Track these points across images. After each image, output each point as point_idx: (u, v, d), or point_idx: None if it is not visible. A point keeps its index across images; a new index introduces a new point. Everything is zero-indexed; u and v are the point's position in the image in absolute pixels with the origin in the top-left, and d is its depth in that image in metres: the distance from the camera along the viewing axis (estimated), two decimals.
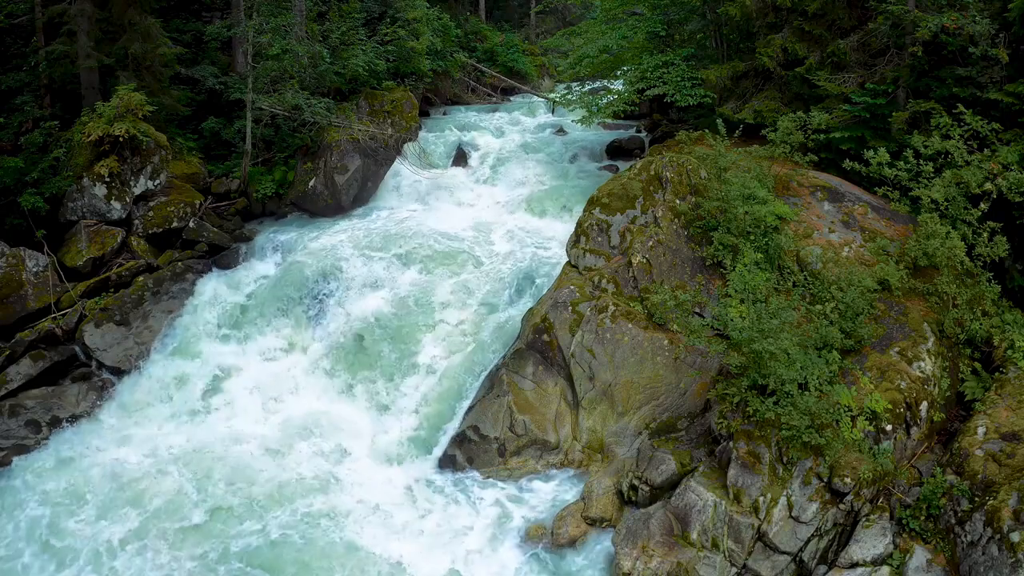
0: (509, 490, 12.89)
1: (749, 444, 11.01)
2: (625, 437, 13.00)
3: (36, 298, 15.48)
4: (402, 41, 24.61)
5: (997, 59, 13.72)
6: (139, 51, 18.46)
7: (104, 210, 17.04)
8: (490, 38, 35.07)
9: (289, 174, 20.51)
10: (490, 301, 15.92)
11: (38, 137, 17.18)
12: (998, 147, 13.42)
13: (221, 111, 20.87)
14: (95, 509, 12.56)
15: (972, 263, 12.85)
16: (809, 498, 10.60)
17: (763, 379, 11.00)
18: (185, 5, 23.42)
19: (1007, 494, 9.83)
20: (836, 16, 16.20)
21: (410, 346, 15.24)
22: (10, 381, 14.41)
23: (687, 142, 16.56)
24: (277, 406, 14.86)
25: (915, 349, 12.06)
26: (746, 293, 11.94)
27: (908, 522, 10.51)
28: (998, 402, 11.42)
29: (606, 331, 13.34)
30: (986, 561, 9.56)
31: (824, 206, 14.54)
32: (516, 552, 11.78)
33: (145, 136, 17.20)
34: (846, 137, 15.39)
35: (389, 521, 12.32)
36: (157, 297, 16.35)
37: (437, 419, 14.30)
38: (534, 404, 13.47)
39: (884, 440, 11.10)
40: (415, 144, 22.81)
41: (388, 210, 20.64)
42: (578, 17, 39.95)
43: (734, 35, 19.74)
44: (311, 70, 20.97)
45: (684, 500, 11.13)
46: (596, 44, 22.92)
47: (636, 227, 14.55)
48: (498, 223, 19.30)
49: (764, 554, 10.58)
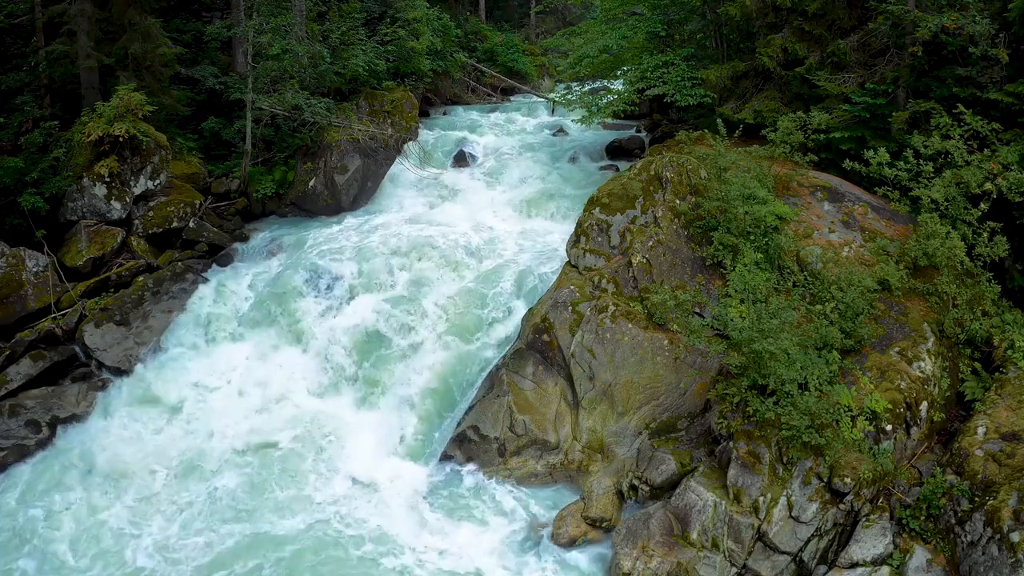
0: (509, 490, 12.87)
1: (749, 444, 11.01)
2: (625, 437, 13.00)
3: (36, 298, 15.48)
4: (402, 41, 24.62)
5: (997, 59, 13.72)
6: (139, 51, 18.47)
7: (104, 210, 17.04)
8: (490, 38, 35.08)
9: (289, 174, 20.51)
10: (490, 301, 15.91)
11: (38, 137, 17.18)
12: (998, 147, 13.42)
13: (221, 111, 20.88)
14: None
15: (972, 263, 12.85)
16: (809, 498, 10.60)
17: (763, 379, 11.00)
18: (185, 5, 23.42)
19: (1007, 494, 9.83)
20: (836, 16, 16.20)
21: (409, 345, 15.24)
22: (10, 381, 14.40)
23: (687, 142, 16.56)
24: (276, 405, 14.84)
25: (915, 349, 12.06)
26: (746, 293, 11.94)
27: (908, 522, 10.51)
28: (998, 402, 11.42)
29: (606, 331, 13.34)
30: (986, 561, 9.56)
31: (824, 206, 14.54)
32: (516, 552, 11.78)
33: (145, 136, 17.20)
34: (846, 137, 15.39)
35: (388, 521, 12.31)
36: (157, 297, 16.35)
37: (436, 419, 14.31)
38: (534, 404, 13.47)
39: (884, 440, 11.10)
40: (415, 144, 22.82)
41: (388, 210, 20.64)
42: (578, 17, 39.95)
43: (734, 35, 19.74)
44: (311, 70, 20.97)
45: (684, 500, 11.13)
46: (596, 44, 22.92)
47: (636, 227, 14.55)
48: (498, 223, 19.29)
49: (764, 554, 10.58)
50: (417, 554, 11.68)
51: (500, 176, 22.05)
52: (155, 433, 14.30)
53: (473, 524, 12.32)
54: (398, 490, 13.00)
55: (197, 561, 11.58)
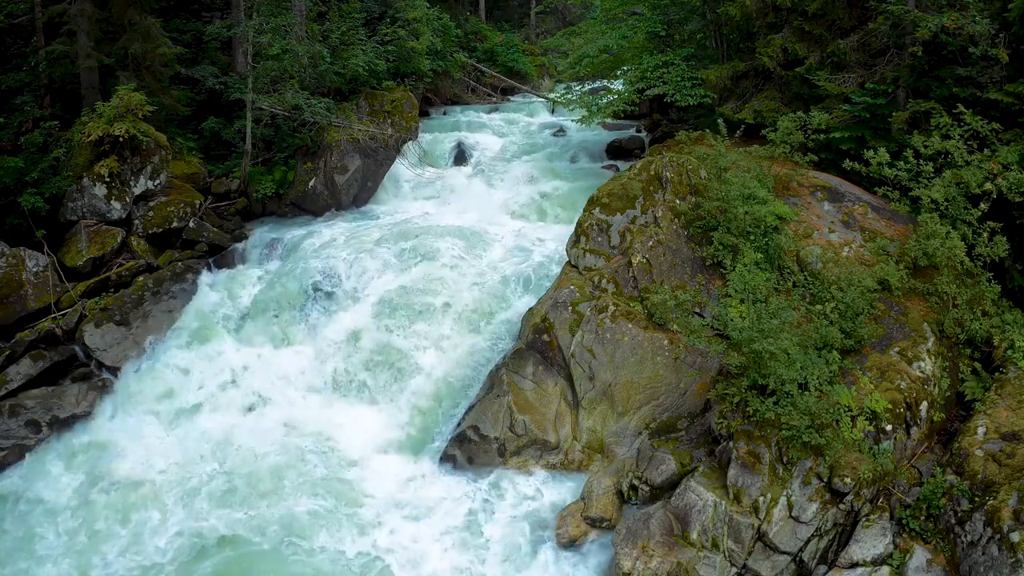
0: (509, 490, 12.88)
1: (749, 444, 11.01)
2: (625, 437, 13.00)
3: (36, 298, 15.47)
4: (402, 41, 24.63)
5: (997, 59, 13.72)
6: (139, 51, 18.46)
7: (104, 210, 17.04)
8: (490, 38, 35.10)
9: (289, 174, 20.51)
10: (489, 301, 15.90)
11: (38, 137, 17.17)
12: (998, 147, 13.41)
13: (221, 111, 20.88)
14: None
15: (972, 263, 12.84)
16: (809, 498, 10.60)
17: (763, 379, 11.00)
18: (185, 5, 23.42)
19: (1007, 494, 9.83)
20: (836, 16, 16.20)
21: (409, 345, 15.23)
22: (10, 381, 14.39)
23: (687, 142, 16.55)
24: (276, 404, 14.85)
25: (915, 349, 12.06)
26: (746, 293, 11.94)
27: (908, 522, 10.50)
28: (998, 402, 11.42)
29: (606, 331, 13.34)
30: (986, 561, 9.56)
31: (824, 206, 14.54)
32: (515, 552, 11.77)
33: (145, 136, 17.19)
34: (846, 137, 15.39)
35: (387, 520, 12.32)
36: (157, 297, 16.35)
37: (436, 419, 14.31)
38: (534, 404, 13.47)
39: (884, 440, 11.10)
40: (415, 144, 22.83)
41: (388, 210, 20.66)
42: (578, 17, 39.98)
43: (734, 35, 19.74)
44: (311, 70, 20.97)
45: (684, 500, 11.12)
46: (596, 44, 22.92)
47: (636, 227, 14.55)
48: (498, 223, 19.29)
49: (764, 554, 10.58)
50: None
51: (500, 176, 22.05)
52: (155, 432, 14.29)
53: (471, 524, 12.28)
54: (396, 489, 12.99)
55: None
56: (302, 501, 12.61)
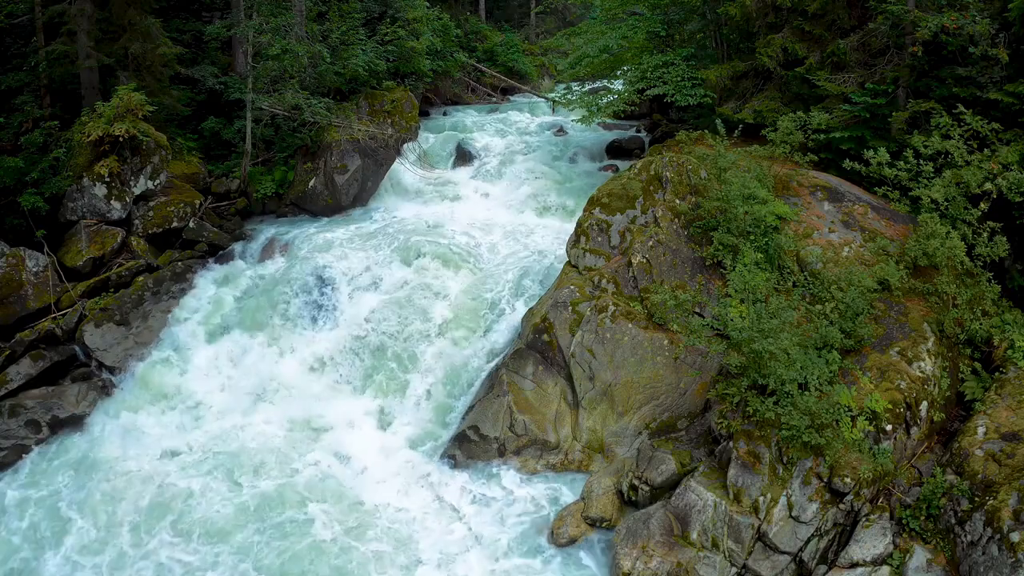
0: (509, 490, 12.88)
1: (749, 444, 11.01)
2: (625, 437, 13.01)
3: (36, 298, 15.47)
4: (402, 41, 24.63)
5: (997, 59, 13.72)
6: (139, 51, 18.47)
7: (104, 210, 17.04)
8: (490, 38, 35.12)
9: (289, 174, 20.52)
10: (489, 301, 15.91)
11: (38, 137, 17.16)
12: (998, 147, 13.41)
13: (221, 111, 20.88)
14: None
15: (972, 263, 12.84)
16: (809, 498, 10.60)
17: (763, 379, 11.00)
18: (185, 5, 23.42)
19: (1007, 494, 9.83)
20: (836, 16, 16.21)
21: (409, 345, 15.24)
22: (10, 381, 14.40)
23: (687, 142, 16.56)
24: (276, 404, 14.85)
25: (915, 349, 12.06)
26: (746, 293, 11.93)
27: (908, 522, 10.51)
28: (998, 402, 11.43)
29: (606, 331, 13.34)
30: (986, 561, 9.56)
31: (824, 206, 14.54)
32: (515, 552, 11.77)
33: (145, 136, 17.20)
34: (846, 137, 15.40)
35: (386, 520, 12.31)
36: (157, 297, 16.36)
37: (436, 418, 14.30)
38: (534, 404, 13.47)
39: (884, 440, 11.10)
40: (415, 144, 22.85)
41: (388, 210, 20.66)
42: (578, 17, 40.02)
43: (734, 35, 19.75)
44: (311, 70, 20.97)
45: (684, 500, 11.13)
46: (596, 44, 22.96)
47: (636, 227, 14.55)
48: (498, 223, 19.30)
49: (764, 554, 10.58)
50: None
51: (500, 176, 22.08)
52: (155, 432, 14.30)
53: (472, 524, 12.28)
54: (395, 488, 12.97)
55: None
56: (302, 501, 12.60)
